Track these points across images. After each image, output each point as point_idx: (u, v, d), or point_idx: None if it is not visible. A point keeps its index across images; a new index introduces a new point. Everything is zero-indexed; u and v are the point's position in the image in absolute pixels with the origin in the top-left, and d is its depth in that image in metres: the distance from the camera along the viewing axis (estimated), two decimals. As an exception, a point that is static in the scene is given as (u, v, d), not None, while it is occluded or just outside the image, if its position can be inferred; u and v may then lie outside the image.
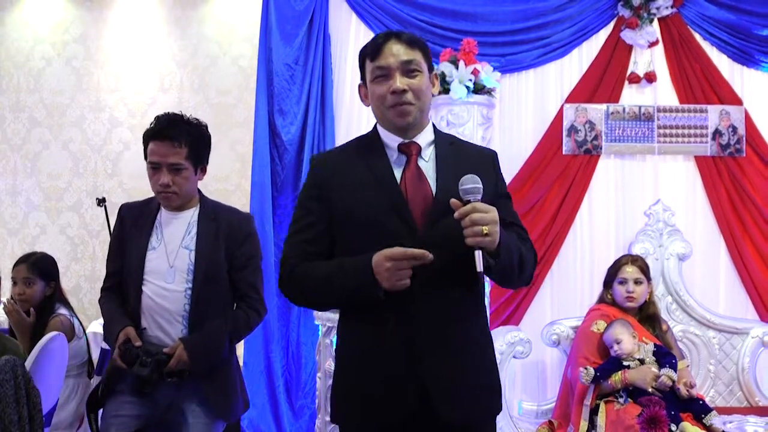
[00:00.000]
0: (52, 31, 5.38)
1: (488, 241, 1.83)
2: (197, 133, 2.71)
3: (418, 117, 2.04)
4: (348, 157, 2.10)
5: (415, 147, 2.05)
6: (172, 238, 2.70)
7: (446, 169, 2.02)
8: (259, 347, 4.47)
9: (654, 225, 4.41)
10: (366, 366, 2.00)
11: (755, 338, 4.24)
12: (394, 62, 2.00)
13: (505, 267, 1.93)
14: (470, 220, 1.82)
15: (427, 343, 1.94)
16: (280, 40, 4.57)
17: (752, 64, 4.52)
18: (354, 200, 2.00)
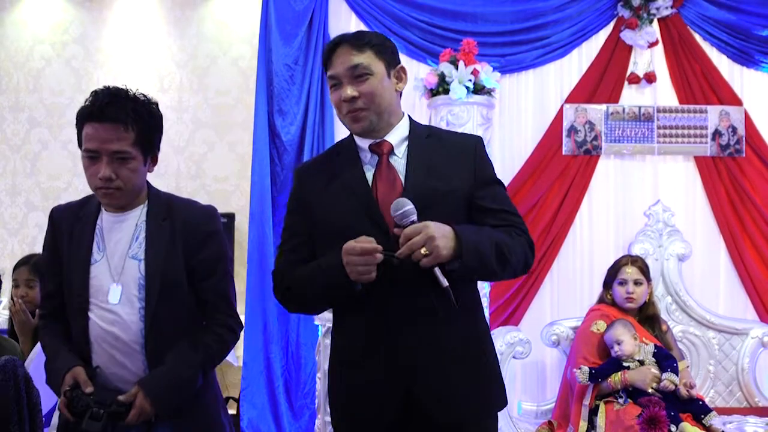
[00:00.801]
0: (52, 31, 5.38)
1: (432, 258, 1.82)
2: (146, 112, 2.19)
3: (375, 120, 2.02)
4: (324, 166, 2.12)
5: (386, 146, 2.04)
6: (116, 246, 2.16)
7: (417, 164, 2.01)
8: (258, 347, 4.47)
9: (654, 225, 4.41)
10: (352, 368, 2.01)
11: (755, 339, 4.25)
12: (341, 70, 2.00)
13: (474, 267, 1.89)
14: (408, 248, 1.83)
15: (410, 343, 1.94)
16: (280, 40, 4.57)
17: (752, 65, 4.52)
18: (329, 209, 2.02)
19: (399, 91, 2.09)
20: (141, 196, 2.21)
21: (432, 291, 1.90)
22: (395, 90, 2.06)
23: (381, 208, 1.96)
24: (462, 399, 1.97)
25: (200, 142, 5.25)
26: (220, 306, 2.28)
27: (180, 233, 2.19)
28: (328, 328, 3.79)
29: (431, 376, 1.95)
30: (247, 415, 4.41)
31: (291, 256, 2.08)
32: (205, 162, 5.24)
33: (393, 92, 2.05)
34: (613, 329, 3.59)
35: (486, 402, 2.05)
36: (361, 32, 2.08)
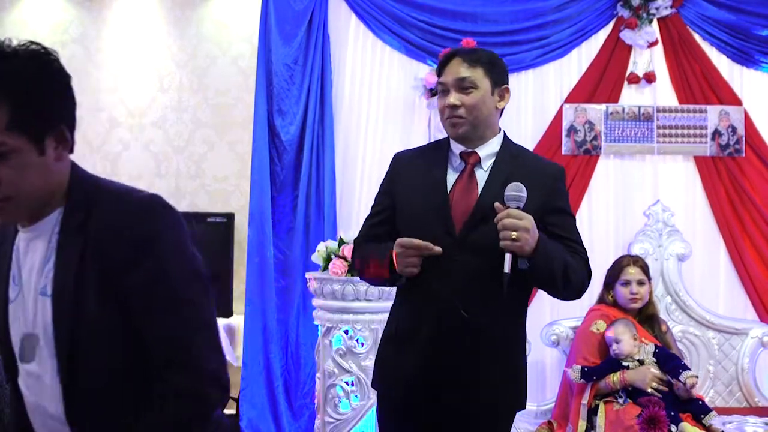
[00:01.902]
0: (51, 31, 5.36)
1: (516, 245, 1.98)
2: (27, 74, 1.42)
3: (470, 130, 2.20)
4: (418, 158, 2.32)
5: (474, 157, 2.23)
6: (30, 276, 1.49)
7: (496, 179, 2.18)
8: (258, 348, 4.47)
9: (653, 225, 4.41)
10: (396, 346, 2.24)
11: (755, 339, 4.25)
12: (450, 80, 2.20)
13: (541, 273, 2.08)
14: (502, 224, 1.99)
15: (450, 337, 2.13)
16: (280, 40, 4.56)
17: (752, 65, 4.52)
18: (409, 198, 2.24)
19: (500, 109, 2.27)
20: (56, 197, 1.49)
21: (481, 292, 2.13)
22: (496, 107, 2.24)
23: (452, 211, 2.16)
24: (483, 391, 2.17)
25: (200, 142, 5.24)
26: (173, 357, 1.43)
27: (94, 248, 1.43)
28: (327, 328, 3.79)
29: (462, 367, 2.14)
30: (247, 415, 4.41)
31: (369, 231, 2.34)
32: (204, 162, 5.24)
33: (493, 109, 2.23)
34: (614, 327, 3.59)
35: (500, 399, 2.24)
36: (477, 49, 2.32)
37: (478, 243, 2.11)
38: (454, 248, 2.11)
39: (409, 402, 2.20)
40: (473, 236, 2.13)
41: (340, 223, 4.54)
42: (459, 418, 2.17)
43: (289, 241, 4.59)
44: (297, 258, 4.55)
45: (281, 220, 4.58)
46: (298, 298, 4.54)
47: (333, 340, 3.74)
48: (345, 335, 3.73)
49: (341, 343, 3.73)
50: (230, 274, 4.86)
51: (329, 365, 3.73)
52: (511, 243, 1.98)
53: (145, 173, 5.28)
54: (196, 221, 4.92)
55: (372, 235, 2.31)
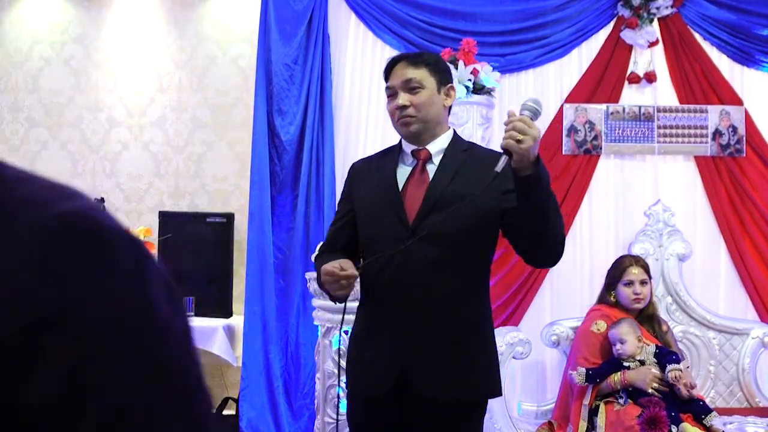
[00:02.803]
0: (51, 31, 5.36)
1: (518, 147, 1.95)
2: None
3: (421, 128, 2.29)
4: (373, 163, 2.44)
5: (424, 153, 2.31)
6: None
7: (445, 172, 2.26)
8: (258, 348, 4.46)
9: (654, 225, 4.40)
10: (359, 345, 2.33)
11: (755, 339, 4.24)
12: (397, 82, 2.30)
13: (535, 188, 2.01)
14: (512, 125, 1.99)
15: (410, 325, 2.19)
16: (279, 39, 4.56)
17: (752, 64, 4.51)
18: (365, 199, 2.34)
19: (447, 107, 2.38)
20: None
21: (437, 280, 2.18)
22: (443, 105, 2.35)
23: (405, 205, 2.24)
24: (456, 381, 2.19)
25: (199, 142, 5.23)
26: None
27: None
28: (327, 329, 3.78)
29: (424, 355, 2.18)
30: (246, 415, 4.40)
31: (331, 237, 2.47)
32: (204, 162, 5.23)
33: (441, 106, 2.34)
34: (619, 327, 3.58)
35: (472, 386, 2.23)
36: (421, 52, 2.42)
37: (431, 232, 2.16)
38: (409, 238, 2.18)
39: (378, 399, 2.24)
40: (424, 227, 2.18)
41: (339, 223, 4.53)
42: (429, 409, 2.19)
43: (289, 241, 4.59)
44: (297, 258, 4.54)
45: (281, 220, 4.58)
46: (297, 298, 4.54)
47: (333, 341, 3.73)
48: (345, 335, 3.71)
49: (341, 344, 3.71)
50: (230, 275, 4.86)
51: (329, 366, 3.73)
52: (514, 143, 1.96)
53: (144, 173, 5.27)
54: (195, 221, 4.92)
55: (332, 242, 2.43)
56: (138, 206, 5.27)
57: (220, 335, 4.49)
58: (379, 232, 2.26)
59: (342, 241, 2.40)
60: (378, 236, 2.26)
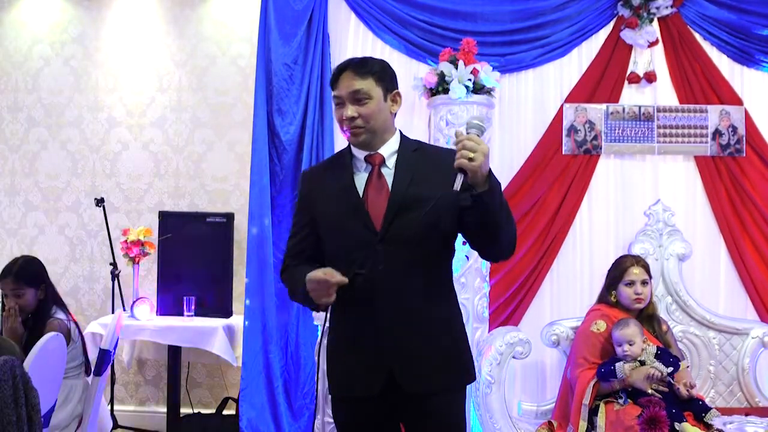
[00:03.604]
0: (51, 31, 5.36)
1: (471, 165, 2.05)
2: None
3: (369, 137, 2.33)
4: (325, 172, 2.47)
5: (378, 157, 2.36)
6: None
7: (402, 174, 2.32)
8: (258, 348, 4.46)
9: (654, 225, 4.40)
10: (341, 349, 2.38)
11: (755, 339, 4.24)
12: (345, 93, 2.32)
13: (492, 203, 2.13)
14: (462, 144, 2.08)
15: (389, 327, 2.26)
16: (279, 39, 4.55)
17: (752, 64, 4.51)
18: (326, 208, 2.37)
19: (393, 113, 2.40)
20: None
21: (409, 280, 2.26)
22: (390, 111, 2.37)
23: (369, 211, 2.29)
24: (433, 372, 2.29)
25: (199, 142, 5.24)
26: None
27: None
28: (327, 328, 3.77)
29: (406, 354, 2.27)
30: (246, 415, 4.40)
31: (295, 248, 2.45)
32: (204, 161, 5.23)
33: (388, 113, 2.37)
34: (626, 328, 3.57)
35: (451, 375, 2.35)
36: (365, 59, 2.39)
37: (399, 235, 2.24)
38: (378, 244, 2.25)
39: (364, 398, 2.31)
40: (393, 229, 2.25)
41: (339, 223, 4.53)
42: (414, 402, 2.29)
43: (289, 241, 4.58)
44: (297, 258, 4.53)
45: (281, 219, 4.58)
46: (297, 298, 4.53)
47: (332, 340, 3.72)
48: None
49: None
50: (230, 274, 4.86)
51: (329, 365, 3.72)
52: (467, 162, 2.05)
53: (144, 173, 5.27)
54: (195, 221, 4.92)
55: (297, 253, 2.44)
56: (138, 206, 5.27)
57: (220, 335, 4.50)
58: (346, 239, 2.30)
59: (307, 252, 2.42)
60: (346, 244, 2.30)
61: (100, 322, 4.51)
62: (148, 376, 5.27)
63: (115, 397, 5.00)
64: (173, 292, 4.79)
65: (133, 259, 4.86)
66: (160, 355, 4.98)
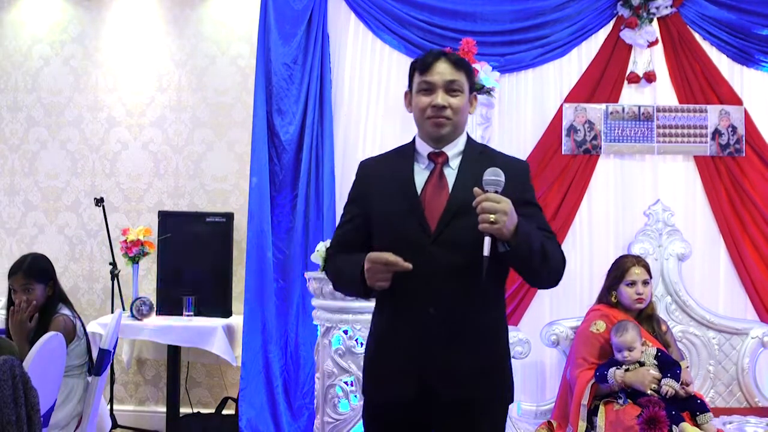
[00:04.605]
0: (50, 30, 5.36)
1: (495, 228, 2.01)
2: None
3: (451, 131, 2.26)
4: (385, 164, 2.37)
5: (442, 156, 2.27)
6: None
7: (465, 176, 2.24)
8: (257, 347, 4.46)
9: (653, 225, 4.40)
10: (381, 353, 2.29)
11: (755, 339, 4.24)
12: (439, 80, 2.23)
13: (521, 255, 2.10)
14: (481, 207, 2.02)
15: (435, 331, 2.17)
16: (279, 39, 4.56)
17: (752, 64, 4.51)
18: (381, 202, 2.27)
19: (471, 114, 2.35)
20: None
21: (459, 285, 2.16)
22: (469, 112, 2.32)
23: (425, 211, 2.21)
24: (475, 382, 2.20)
25: (199, 142, 5.23)
26: None
27: None
28: (327, 328, 3.78)
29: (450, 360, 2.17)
30: (246, 415, 4.40)
31: (342, 238, 2.37)
32: (203, 161, 5.23)
33: (467, 114, 2.32)
34: (627, 334, 3.54)
35: (493, 387, 2.25)
36: (457, 55, 2.36)
37: (453, 239, 2.16)
38: (430, 246, 2.16)
39: (397, 404, 2.22)
40: (448, 232, 2.17)
41: (339, 223, 4.53)
42: (453, 410, 2.20)
43: (289, 241, 4.59)
44: (296, 258, 4.54)
45: (280, 219, 4.58)
46: (297, 298, 4.54)
47: (332, 340, 3.74)
48: (344, 335, 3.72)
49: (341, 343, 3.72)
50: (229, 274, 4.86)
51: (328, 365, 3.73)
52: (489, 226, 2.01)
53: (143, 173, 5.27)
54: (195, 221, 4.92)
55: (344, 244, 2.35)
56: (137, 206, 5.27)
57: (220, 335, 4.50)
58: (398, 236, 2.20)
59: (356, 244, 2.31)
60: (397, 241, 2.17)
61: (100, 322, 4.51)
62: (147, 376, 5.27)
63: (114, 397, 5.00)
64: (173, 292, 4.79)
65: (133, 258, 4.86)
66: (159, 355, 4.98)
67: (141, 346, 4.98)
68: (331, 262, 2.39)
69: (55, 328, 3.38)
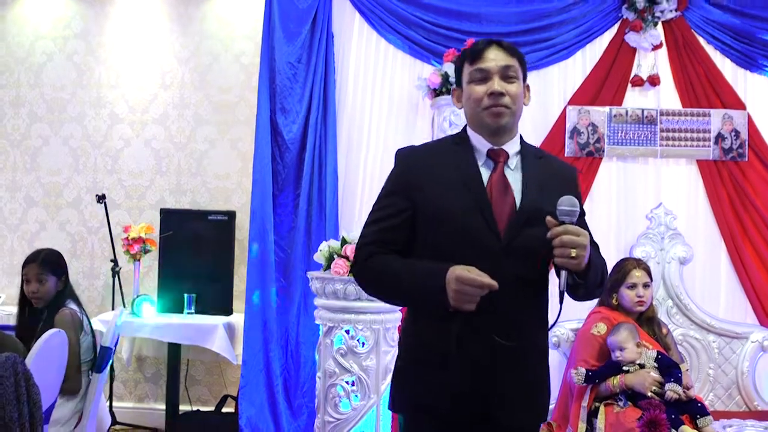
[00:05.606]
0: (53, 26, 5.36)
1: (574, 263, 1.88)
2: None
3: (511, 122, 2.06)
4: (436, 155, 2.12)
5: (503, 154, 2.07)
6: None
7: (532, 181, 2.05)
8: (258, 346, 4.46)
9: (655, 228, 4.40)
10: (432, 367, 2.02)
11: (755, 343, 4.26)
12: (494, 66, 2.04)
13: (589, 285, 2.00)
14: (560, 241, 1.87)
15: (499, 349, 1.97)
16: (283, 38, 4.55)
17: (756, 69, 4.51)
18: (441, 198, 2.01)
19: (526, 105, 2.13)
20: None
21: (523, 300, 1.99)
22: (524, 104, 2.12)
23: (494, 211, 1.99)
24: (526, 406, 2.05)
25: (201, 139, 5.23)
26: None
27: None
28: (329, 328, 3.78)
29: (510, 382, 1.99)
30: (246, 413, 4.40)
31: (382, 236, 2.07)
32: (206, 159, 5.23)
33: (523, 104, 2.10)
34: (618, 334, 3.56)
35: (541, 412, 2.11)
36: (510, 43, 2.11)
37: (524, 249, 1.97)
38: (500, 253, 1.96)
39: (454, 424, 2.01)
40: (519, 241, 1.98)
41: (342, 223, 4.54)
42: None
43: (291, 240, 4.58)
44: (298, 257, 4.54)
45: (283, 219, 4.58)
46: (298, 297, 4.53)
47: (334, 340, 3.73)
48: (346, 335, 3.72)
49: (342, 343, 3.72)
50: (231, 273, 4.86)
51: (330, 365, 3.72)
52: (569, 260, 1.87)
53: (146, 170, 5.27)
54: (197, 219, 4.92)
55: (387, 242, 2.06)
56: (139, 203, 5.27)
57: (221, 333, 4.50)
58: (465, 237, 1.97)
59: (401, 242, 2.06)
60: (463, 243, 1.97)
61: (101, 319, 4.51)
62: (147, 374, 5.27)
63: (114, 394, 5.00)
64: (174, 290, 4.79)
65: (134, 256, 4.86)
66: (159, 353, 4.99)
67: (141, 344, 4.99)
68: (371, 263, 2.06)
69: (62, 321, 3.43)
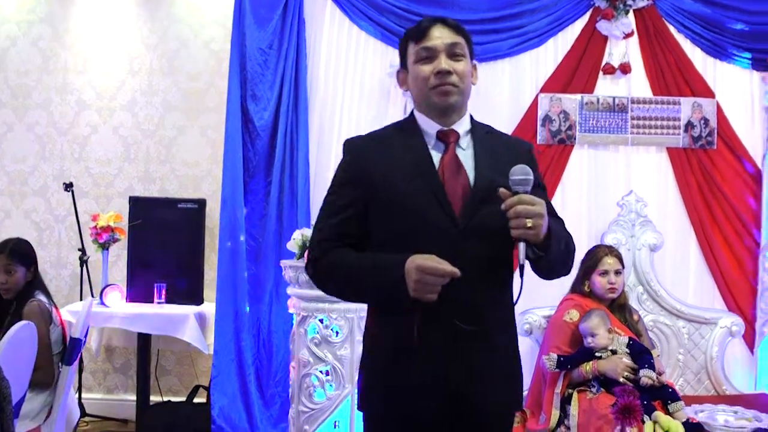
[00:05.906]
0: (17, 10, 5.23)
1: (532, 233, 1.82)
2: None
3: (460, 101, 2.02)
4: (385, 141, 2.07)
5: (453, 134, 2.03)
6: None
7: (484, 159, 2.02)
8: (229, 336, 4.42)
9: (626, 215, 4.44)
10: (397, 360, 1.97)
11: (723, 328, 4.31)
12: (440, 44, 1.99)
13: (552, 259, 1.94)
14: (515, 212, 1.82)
15: (464, 334, 1.91)
16: (254, 23, 4.49)
17: (725, 58, 4.55)
18: (393, 185, 1.97)
19: (474, 84, 2.10)
20: None
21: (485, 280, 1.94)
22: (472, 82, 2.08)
23: (448, 194, 1.94)
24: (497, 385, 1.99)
25: (170, 126, 5.16)
26: None
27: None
28: (303, 317, 3.75)
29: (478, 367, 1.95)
30: (218, 403, 4.36)
31: (335, 230, 2.01)
32: (174, 146, 5.16)
33: (471, 83, 2.07)
34: (590, 320, 3.60)
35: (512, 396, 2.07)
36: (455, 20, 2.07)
37: (480, 228, 1.92)
38: (457, 236, 1.91)
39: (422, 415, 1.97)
40: (477, 221, 1.93)
41: (313, 210, 4.50)
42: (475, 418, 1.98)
43: (262, 228, 4.54)
44: (270, 245, 4.50)
45: (254, 206, 4.53)
46: (270, 285, 4.50)
47: (308, 329, 3.71)
48: (320, 324, 3.70)
49: (316, 332, 3.70)
50: (201, 261, 4.80)
51: (304, 354, 3.71)
52: (526, 231, 1.81)
53: (113, 157, 5.19)
54: (166, 207, 4.85)
55: (343, 235, 2.01)
56: (107, 191, 5.18)
57: (192, 323, 4.45)
58: (417, 226, 1.92)
59: (357, 234, 2.01)
60: (419, 230, 1.92)
61: (69, 310, 4.43)
62: (116, 364, 5.20)
63: (83, 385, 4.93)
64: (143, 279, 4.72)
65: (103, 245, 4.78)
66: (129, 343, 4.92)
67: (110, 334, 4.91)
68: (328, 259, 2.00)
69: (30, 313, 3.37)
